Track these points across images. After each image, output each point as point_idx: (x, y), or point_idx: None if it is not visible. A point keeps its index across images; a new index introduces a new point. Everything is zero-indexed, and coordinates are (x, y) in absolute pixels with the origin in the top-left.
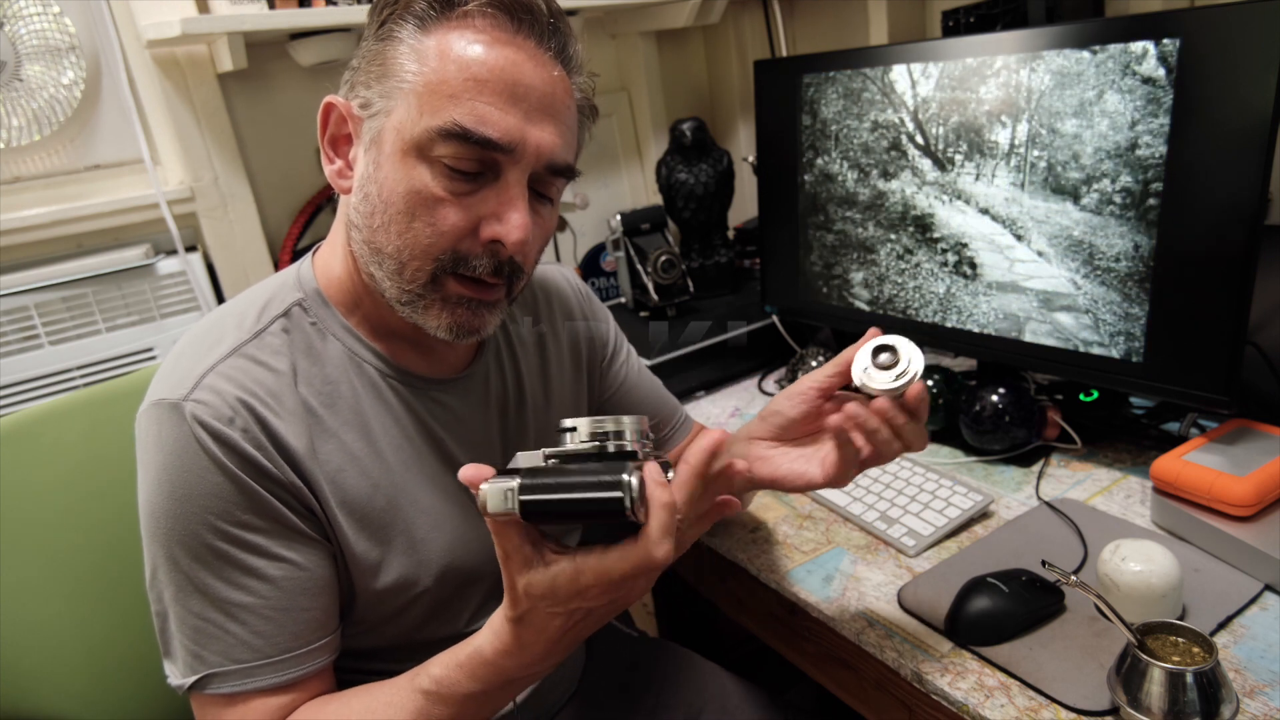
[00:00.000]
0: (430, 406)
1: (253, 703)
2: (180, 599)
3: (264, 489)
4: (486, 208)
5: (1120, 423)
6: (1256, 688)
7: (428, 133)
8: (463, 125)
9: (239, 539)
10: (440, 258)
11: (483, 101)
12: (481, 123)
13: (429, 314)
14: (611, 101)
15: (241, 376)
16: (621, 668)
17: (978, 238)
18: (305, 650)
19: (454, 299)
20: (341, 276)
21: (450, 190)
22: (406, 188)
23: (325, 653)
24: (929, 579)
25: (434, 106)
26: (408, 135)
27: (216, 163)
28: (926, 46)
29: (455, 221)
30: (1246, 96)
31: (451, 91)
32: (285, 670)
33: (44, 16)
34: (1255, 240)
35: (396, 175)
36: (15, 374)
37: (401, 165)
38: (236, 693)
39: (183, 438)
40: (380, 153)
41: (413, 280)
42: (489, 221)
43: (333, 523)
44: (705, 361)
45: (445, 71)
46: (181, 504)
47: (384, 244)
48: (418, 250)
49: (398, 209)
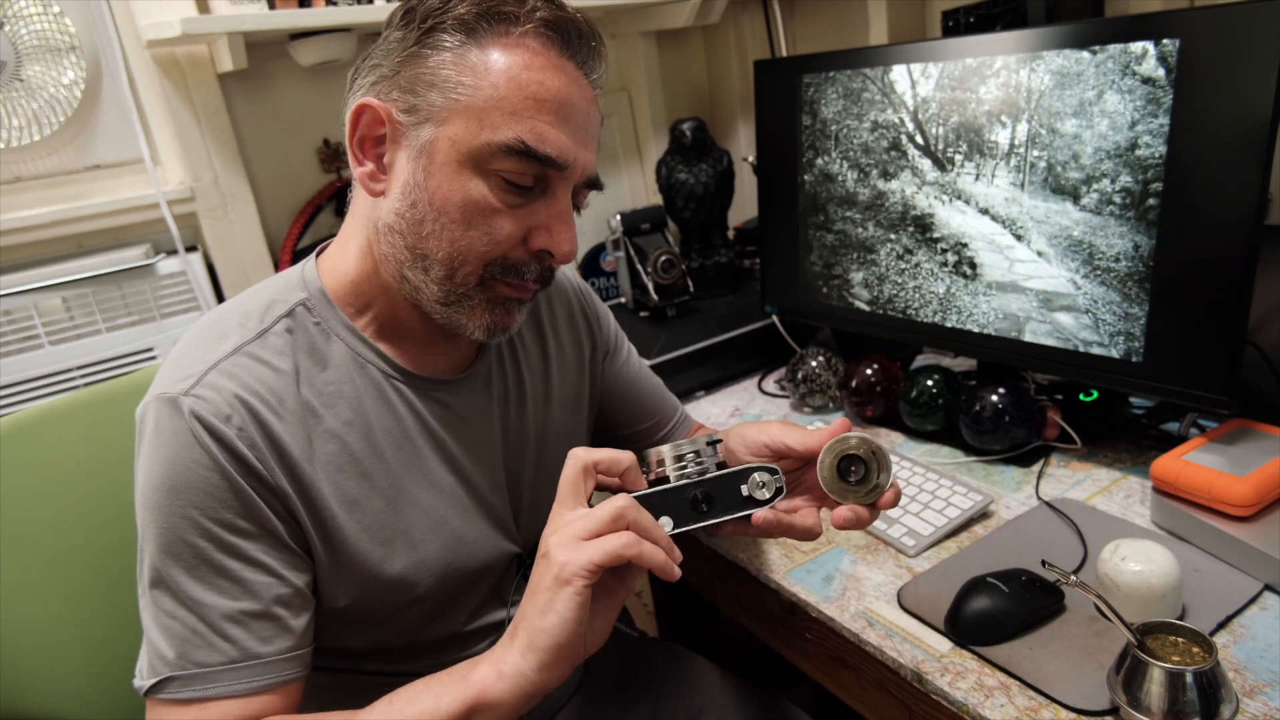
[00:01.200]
0: (432, 407)
1: (209, 709)
2: (152, 594)
3: (253, 490)
4: (536, 219)
5: (1120, 423)
6: (1256, 688)
7: (488, 147)
8: (525, 142)
9: (219, 539)
10: (491, 264)
11: (542, 121)
12: (542, 141)
13: (472, 315)
14: (611, 101)
15: (244, 375)
16: (621, 668)
17: (977, 238)
18: (273, 659)
19: (499, 300)
20: (354, 278)
21: (505, 202)
22: (463, 197)
23: (294, 666)
24: (929, 579)
25: (495, 123)
26: (465, 147)
27: (216, 163)
28: (926, 46)
29: (510, 232)
30: (1246, 97)
31: (513, 109)
32: (249, 678)
33: (44, 16)
34: (1255, 240)
35: (452, 185)
36: (15, 374)
37: (458, 175)
38: (194, 698)
39: (179, 431)
40: (432, 161)
41: (462, 283)
42: (538, 233)
43: (329, 525)
44: (705, 361)
45: (504, 89)
46: (169, 495)
47: (434, 250)
48: (471, 256)
49: (452, 217)
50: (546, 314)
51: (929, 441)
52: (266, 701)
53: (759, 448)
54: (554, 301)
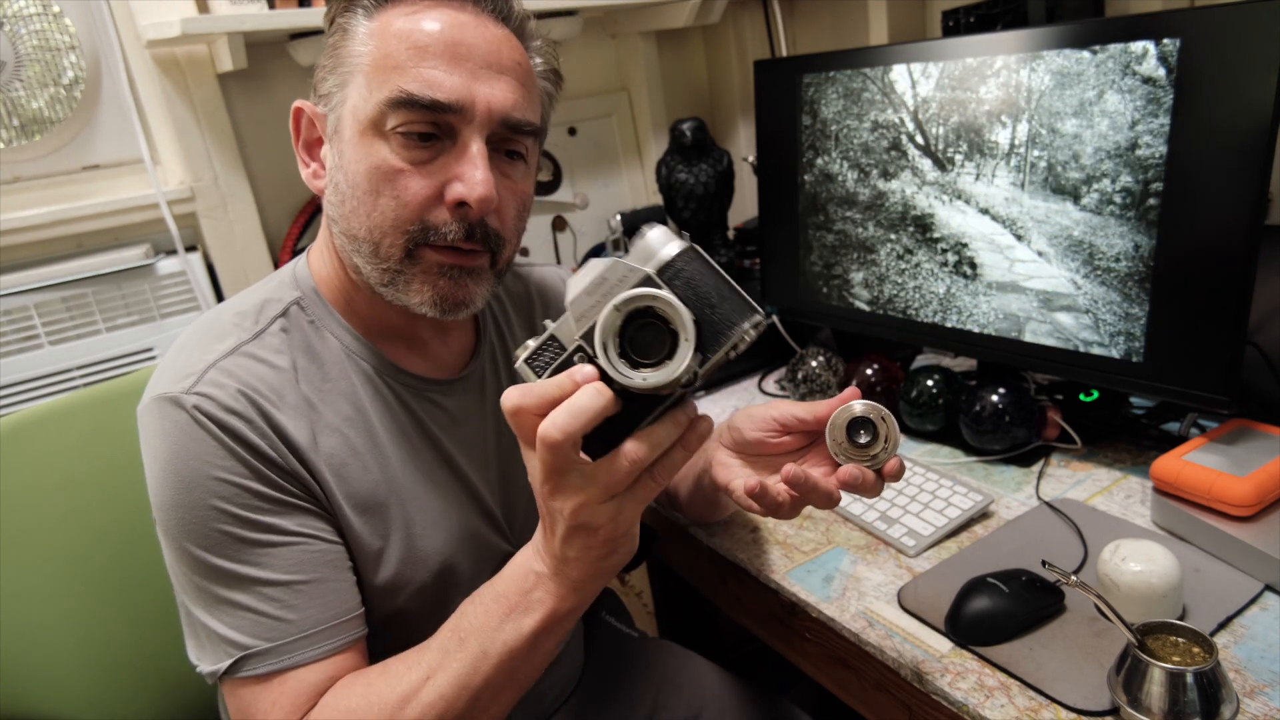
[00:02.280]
0: (427, 408)
1: (289, 680)
2: (202, 586)
3: (269, 469)
4: (448, 172)
5: (1120, 423)
6: (1256, 688)
7: (378, 107)
8: (408, 91)
9: (249, 520)
10: (410, 229)
11: (426, 67)
12: (428, 86)
13: (411, 289)
14: (611, 101)
15: (243, 373)
16: (621, 668)
17: (978, 238)
18: (338, 622)
19: (434, 269)
20: (331, 276)
21: (409, 160)
22: (368, 166)
23: (356, 625)
24: (929, 579)
25: (381, 80)
26: (362, 115)
27: (216, 163)
28: (926, 46)
29: (418, 190)
30: (1246, 96)
31: (396, 63)
32: (320, 643)
33: (44, 16)
34: (1255, 240)
35: (357, 156)
36: (15, 374)
37: (360, 145)
38: (272, 671)
39: (186, 427)
40: (342, 140)
41: (387, 257)
42: (451, 185)
43: (336, 513)
44: None
45: (388, 46)
46: (189, 493)
47: (357, 228)
48: (386, 226)
49: (363, 189)
50: (541, 315)
51: (929, 441)
52: (340, 662)
53: (767, 422)
54: (550, 303)
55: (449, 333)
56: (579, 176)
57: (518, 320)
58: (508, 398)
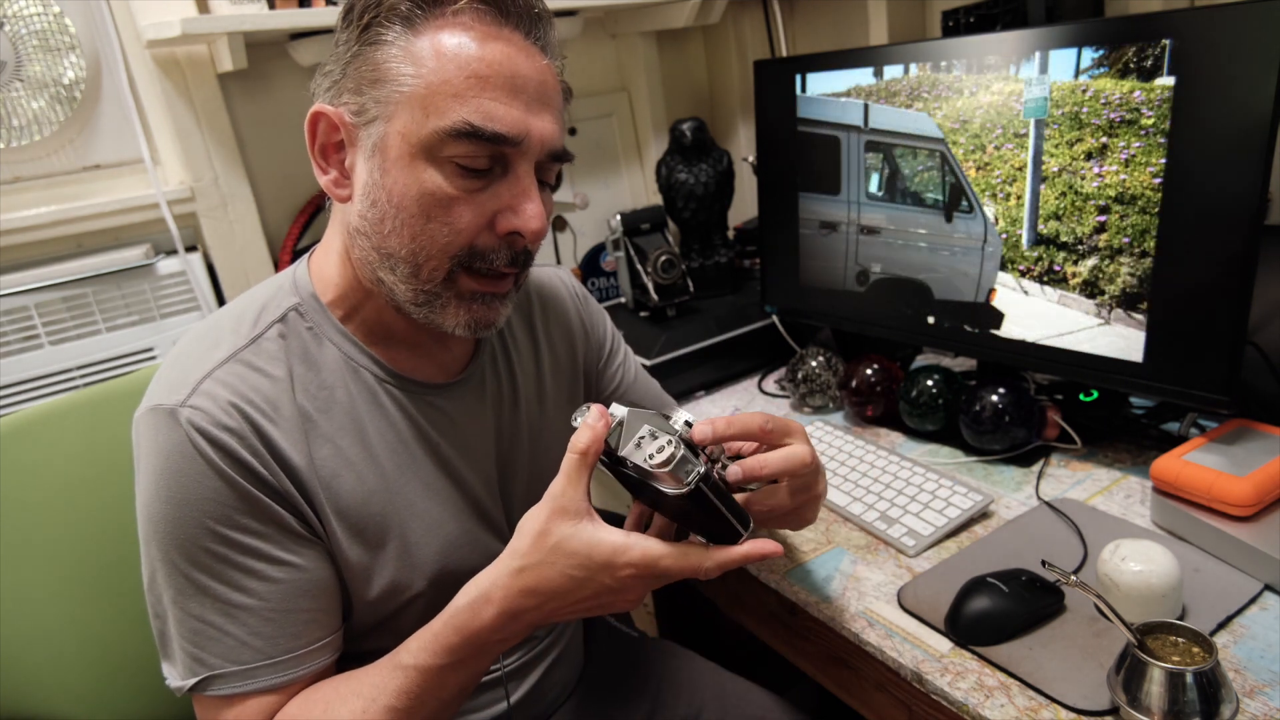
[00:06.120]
0: (426, 411)
1: (249, 702)
2: (179, 602)
3: (260, 492)
4: (500, 202)
5: (1120, 423)
6: (1256, 688)
7: (436, 134)
8: (472, 123)
9: (236, 542)
10: (457, 255)
11: (487, 98)
12: (490, 119)
13: (446, 312)
14: (611, 101)
15: (238, 383)
16: (621, 668)
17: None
18: (306, 650)
19: (468, 295)
20: (339, 282)
21: (463, 189)
22: (419, 190)
23: (326, 652)
24: (929, 579)
25: (439, 108)
26: (414, 139)
27: (216, 163)
28: (926, 46)
29: (471, 219)
30: (1245, 97)
31: (455, 91)
32: (285, 670)
33: (44, 16)
34: (1255, 240)
35: (407, 179)
36: (15, 374)
37: (411, 169)
38: (235, 694)
39: (179, 443)
40: (385, 159)
41: (429, 280)
42: (504, 215)
43: (327, 529)
44: (705, 361)
45: (445, 72)
46: (179, 509)
47: (396, 248)
48: (434, 250)
49: (410, 212)
50: (540, 316)
51: (929, 441)
52: (305, 685)
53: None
54: (548, 304)
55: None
56: (579, 176)
57: (517, 320)
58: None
